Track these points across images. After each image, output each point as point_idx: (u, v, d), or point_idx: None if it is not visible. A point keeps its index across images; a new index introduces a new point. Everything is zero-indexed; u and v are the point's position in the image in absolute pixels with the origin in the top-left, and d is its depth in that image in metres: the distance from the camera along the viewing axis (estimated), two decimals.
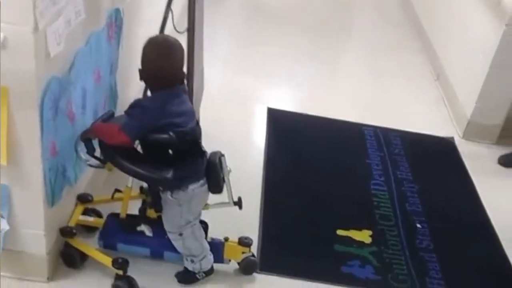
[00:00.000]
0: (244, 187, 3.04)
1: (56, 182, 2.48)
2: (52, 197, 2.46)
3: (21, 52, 2.12)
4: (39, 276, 2.51)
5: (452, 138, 4.08)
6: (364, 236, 3.04)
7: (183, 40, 2.76)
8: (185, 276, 2.61)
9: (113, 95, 3.11)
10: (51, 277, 2.53)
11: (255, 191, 3.26)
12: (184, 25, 3.14)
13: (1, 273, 2.49)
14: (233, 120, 3.91)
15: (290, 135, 3.86)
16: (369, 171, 3.58)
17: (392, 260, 2.93)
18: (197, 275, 2.60)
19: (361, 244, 2.99)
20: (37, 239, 2.45)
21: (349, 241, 2.99)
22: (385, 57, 5.24)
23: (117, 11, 3.01)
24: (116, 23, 3.03)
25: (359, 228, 3.08)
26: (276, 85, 4.53)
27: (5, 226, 2.38)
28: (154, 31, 3.09)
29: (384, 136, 3.97)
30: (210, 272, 2.62)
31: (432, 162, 3.83)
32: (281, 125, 3.96)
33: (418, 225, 3.19)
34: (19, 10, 2.07)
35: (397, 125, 4.10)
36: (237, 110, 4.04)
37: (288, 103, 4.28)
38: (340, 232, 3.04)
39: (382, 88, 4.67)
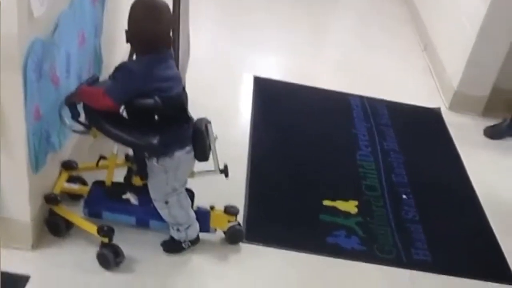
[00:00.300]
0: (230, 156, 3.00)
1: (40, 147, 2.44)
2: (36, 163, 2.42)
3: (4, 12, 2.05)
4: (24, 244, 2.47)
5: (439, 108, 4.08)
6: (350, 206, 3.03)
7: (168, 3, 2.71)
8: (171, 245, 2.59)
9: (98, 59, 3.05)
10: (36, 245, 2.49)
11: (241, 159, 3.23)
12: None
13: None
14: (220, 88, 3.87)
15: (276, 104, 3.83)
16: (356, 142, 3.57)
17: (378, 231, 2.93)
18: (182, 244, 2.58)
19: (347, 214, 2.98)
20: (21, 206, 2.41)
21: (335, 211, 2.99)
22: (372, 26, 5.20)
23: None
24: None
25: (345, 198, 3.08)
26: (263, 53, 4.48)
27: None
28: None
29: (371, 106, 3.95)
30: (196, 241, 2.60)
31: (419, 133, 3.83)
32: (267, 93, 3.92)
33: (404, 196, 3.19)
34: None
35: (384, 95, 4.09)
36: (224, 78, 3.99)
37: (275, 72, 4.23)
38: (326, 202, 3.03)
39: (369, 58, 4.63)
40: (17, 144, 2.30)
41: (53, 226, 2.56)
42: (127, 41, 2.41)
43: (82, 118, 2.50)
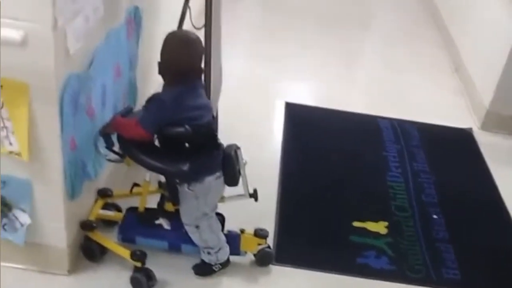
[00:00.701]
0: (261, 179, 3.08)
1: (76, 176, 2.54)
2: (72, 191, 2.52)
3: (41, 49, 2.17)
4: (60, 269, 2.56)
5: (470, 128, 4.08)
6: (380, 227, 3.06)
7: (201, 36, 2.81)
8: (202, 268, 2.65)
9: (133, 90, 3.16)
10: (72, 270, 2.59)
11: (271, 183, 3.30)
12: (202, 21, 3.18)
13: (24, 266, 2.55)
14: (251, 113, 3.95)
15: (307, 128, 3.89)
16: (386, 163, 3.59)
17: (408, 251, 2.94)
18: (213, 267, 2.64)
19: (376, 235, 3.01)
20: (57, 232, 2.51)
21: (365, 232, 3.02)
22: (402, 48, 5.25)
23: (136, 8, 3.06)
24: (135, 20, 3.08)
25: (375, 219, 3.11)
26: (293, 79, 4.55)
27: (26, 220, 2.45)
28: (173, 27, 3.13)
29: (401, 128, 3.98)
30: (226, 264, 2.66)
31: (450, 153, 3.83)
32: (299, 118, 3.98)
33: (434, 216, 3.20)
34: (38, 7, 2.11)
35: (414, 117, 4.11)
36: (256, 104, 4.08)
37: (306, 97, 4.31)
38: (356, 223, 3.07)
39: (400, 80, 4.67)
40: (54, 174, 2.40)
41: (88, 251, 2.65)
42: (159, 72, 2.51)
43: (117, 147, 2.59)
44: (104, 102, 2.75)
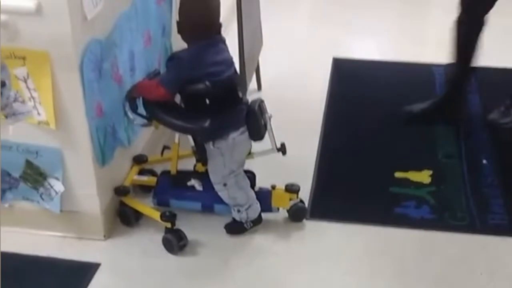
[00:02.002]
0: (302, 136, 3.13)
1: (105, 142, 2.56)
2: (103, 157, 2.55)
3: (57, 16, 2.20)
4: (97, 234, 2.61)
5: None
6: (423, 176, 2.94)
7: None
8: (233, 226, 2.64)
9: (168, 56, 3.17)
10: (108, 235, 2.63)
11: (313, 139, 3.23)
12: None
13: (62, 234, 2.62)
14: (296, 70, 3.89)
15: (354, 83, 3.78)
16: None
17: (451, 198, 2.82)
18: (244, 225, 2.62)
19: (419, 184, 2.89)
20: (91, 199, 2.55)
21: (407, 182, 2.91)
22: None
23: None
24: None
25: (419, 169, 2.99)
26: (342, 34, 4.42)
27: (60, 188, 2.51)
28: None
29: None
30: (257, 221, 2.64)
31: (506, 96, 3.62)
32: (346, 73, 3.88)
33: (484, 161, 3.05)
34: None
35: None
36: (301, 60, 4.01)
37: (355, 51, 4.19)
38: (398, 174, 2.96)
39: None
40: (82, 140, 2.44)
41: (123, 216, 2.69)
42: (178, 31, 2.51)
43: (143, 111, 2.61)
44: (133, 68, 2.76)
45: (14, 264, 2.49)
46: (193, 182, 2.69)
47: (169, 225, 2.53)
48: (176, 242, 2.53)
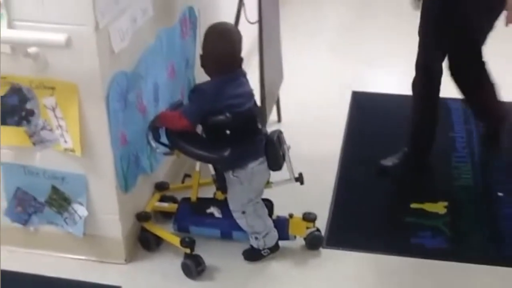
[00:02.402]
0: (320, 166, 3.21)
1: (129, 169, 2.65)
2: (125, 184, 2.63)
3: (85, 50, 2.30)
4: (118, 258, 2.68)
5: None
6: (438, 207, 2.98)
7: None
8: (251, 253, 2.70)
9: (191, 88, 3.26)
10: (129, 259, 2.70)
11: (330, 170, 3.29)
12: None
13: (84, 257, 2.70)
14: (315, 103, 3.96)
15: (372, 116, 3.85)
16: (453, 144, 3.50)
17: (467, 229, 2.86)
18: (262, 252, 2.67)
19: (434, 215, 2.93)
20: (113, 224, 2.63)
21: (422, 213, 2.95)
22: None
23: (191, 8, 3.15)
24: (190, 20, 3.17)
25: (434, 200, 3.03)
26: (362, 67, 4.49)
27: (84, 212, 2.60)
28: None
29: None
30: (275, 248, 2.69)
31: None
32: (364, 106, 3.94)
33: (500, 194, 3.08)
34: (80, 11, 2.24)
35: None
36: (320, 92, 4.09)
37: (374, 84, 4.26)
38: (413, 205, 3.00)
39: None
40: (106, 168, 2.53)
41: (144, 242, 2.76)
42: (202, 65, 2.61)
43: (165, 140, 2.69)
44: (157, 99, 2.86)
45: (36, 285, 2.59)
46: (212, 209, 2.76)
47: (188, 250, 2.60)
48: (194, 268, 2.59)
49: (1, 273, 2.46)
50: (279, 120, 3.74)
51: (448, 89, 3.98)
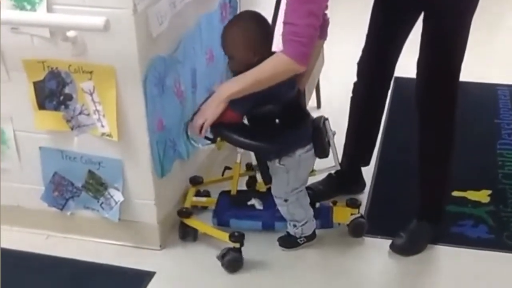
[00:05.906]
0: None
1: (165, 155, 2.63)
2: (161, 169, 2.61)
3: (123, 33, 2.28)
4: (153, 244, 2.67)
5: None
6: (481, 196, 2.91)
7: None
8: (287, 240, 2.66)
9: (230, 74, 3.23)
10: (164, 245, 2.69)
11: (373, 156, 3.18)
12: None
13: (120, 242, 2.69)
14: None
15: None
16: (498, 131, 3.44)
17: (510, 219, 2.77)
18: (298, 240, 2.64)
19: (477, 204, 2.86)
20: (149, 209, 2.61)
21: (464, 201, 2.88)
22: None
23: None
24: (230, 4, 3.14)
25: (477, 188, 2.95)
26: (405, 53, 4.37)
27: (120, 197, 2.59)
28: (270, 9, 3.13)
29: None
30: (311, 237, 2.65)
31: None
32: (407, 92, 3.84)
33: None
34: None
35: None
36: None
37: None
38: (455, 193, 2.93)
39: None
40: (142, 153, 2.51)
41: (185, 236, 2.72)
42: (234, 68, 2.48)
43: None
44: (194, 85, 2.83)
45: (73, 270, 2.59)
46: (253, 201, 2.73)
47: (237, 245, 2.55)
48: (242, 261, 2.56)
49: (37, 257, 2.48)
50: (318, 106, 3.69)
51: (497, 75, 3.93)
